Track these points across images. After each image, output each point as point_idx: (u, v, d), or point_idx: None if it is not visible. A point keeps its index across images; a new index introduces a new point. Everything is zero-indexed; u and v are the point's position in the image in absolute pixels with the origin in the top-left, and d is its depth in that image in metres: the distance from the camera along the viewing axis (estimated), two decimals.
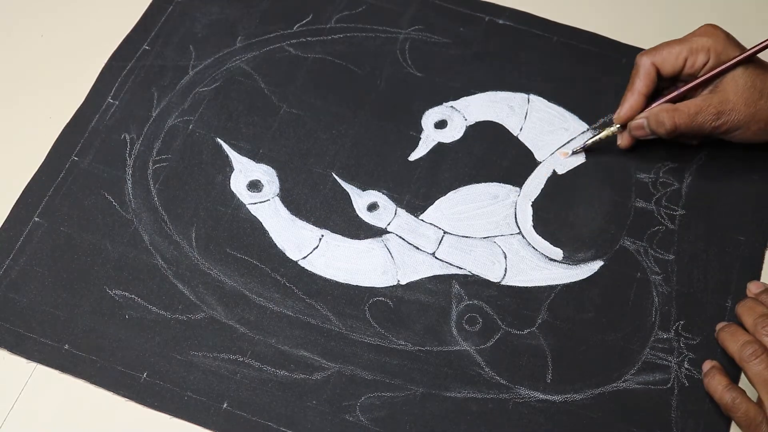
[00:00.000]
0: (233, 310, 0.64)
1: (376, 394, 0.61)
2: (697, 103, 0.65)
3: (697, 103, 0.65)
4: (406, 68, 0.75)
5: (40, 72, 0.74)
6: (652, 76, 0.67)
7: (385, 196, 0.69)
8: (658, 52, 0.67)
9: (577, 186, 0.69)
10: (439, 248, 0.66)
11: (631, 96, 0.68)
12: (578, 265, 0.66)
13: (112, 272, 0.65)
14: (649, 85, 0.67)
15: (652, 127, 0.67)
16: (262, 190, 0.69)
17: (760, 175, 0.69)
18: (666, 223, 0.67)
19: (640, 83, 0.67)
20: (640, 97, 0.68)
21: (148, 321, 0.63)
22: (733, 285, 0.65)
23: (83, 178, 0.69)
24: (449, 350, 0.63)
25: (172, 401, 0.60)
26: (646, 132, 0.68)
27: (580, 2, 0.78)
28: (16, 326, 0.63)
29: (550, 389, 0.61)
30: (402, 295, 0.65)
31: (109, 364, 0.62)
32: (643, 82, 0.67)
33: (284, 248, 0.66)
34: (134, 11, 0.77)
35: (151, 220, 0.67)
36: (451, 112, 0.72)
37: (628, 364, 0.62)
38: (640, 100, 0.68)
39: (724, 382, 0.59)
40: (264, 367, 0.62)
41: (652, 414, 0.60)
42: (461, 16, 0.77)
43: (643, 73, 0.67)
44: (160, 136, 0.71)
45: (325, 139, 0.71)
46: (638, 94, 0.68)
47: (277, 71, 0.74)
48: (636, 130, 0.68)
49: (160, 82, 0.73)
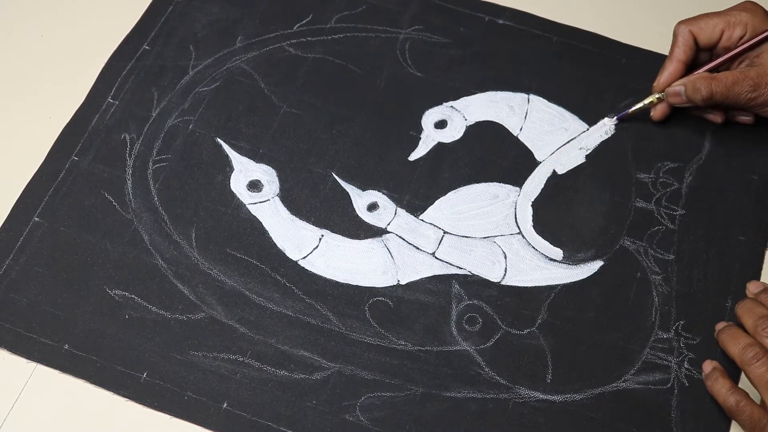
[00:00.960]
0: (233, 310, 0.64)
1: (376, 394, 0.61)
2: (734, 74, 0.66)
3: (735, 74, 0.66)
4: (406, 68, 0.75)
5: (40, 72, 0.74)
6: (690, 43, 0.68)
7: (385, 196, 0.69)
8: (696, 21, 0.68)
9: (578, 186, 0.69)
10: (439, 248, 0.66)
11: (670, 63, 0.69)
12: (578, 265, 0.66)
13: (112, 272, 0.65)
14: (687, 52, 0.68)
15: (688, 95, 0.67)
16: (262, 190, 0.69)
17: (760, 175, 0.69)
18: (666, 223, 0.67)
19: (679, 50, 0.68)
20: (679, 64, 0.68)
21: (148, 321, 0.63)
22: (733, 285, 0.65)
23: (83, 178, 0.69)
24: (449, 350, 0.63)
25: (172, 401, 0.60)
26: (682, 99, 0.68)
27: (580, 2, 0.78)
28: (16, 326, 0.63)
29: (550, 389, 0.61)
30: (402, 295, 0.65)
31: (109, 364, 0.62)
32: (681, 49, 0.68)
33: (284, 248, 0.66)
34: (134, 11, 0.77)
35: (151, 220, 0.67)
36: (451, 112, 0.72)
37: (628, 364, 0.62)
38: (679, 67, 0.68)
39: (727, 385, 0.59)
40: (264, 367, 0.62)
41: (652, 414, 0.60)
42: (461, 16, 0.77)
43: (682, 41, 0.68)
44: (160, 136, 0.71)
45: (325, 139, 0.71)
46: (677, 61, 0.68)
47: (277, 71, 0.74)
48: (673, 97, 0.68)
49: (160, 82, 0.74)
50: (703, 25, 0.68)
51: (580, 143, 0.71)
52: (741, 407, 0.58)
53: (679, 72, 0.69)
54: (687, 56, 0.68)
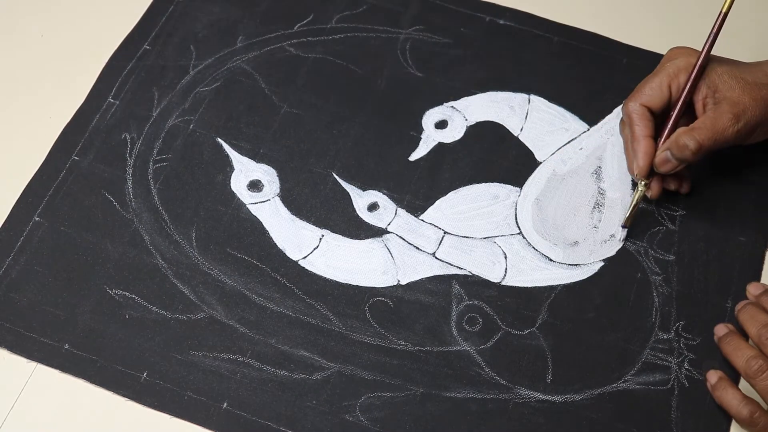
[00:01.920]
0: (233, 310, 0.64)
1: (376, 394, 0.61)
2: (710, 116, 0.63)
3: (710, 115, 0.63)
4: (407, 68, 0.75)
5: (40, 72, 0.74)
6: (648, 116, 0.65)
7: (385, 196, 0.69)
8: (641, 92, 0.65)
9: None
10: (439, 248, 0.66)
11: (638, 144, 0.65)
12: (578, 266, 0.66)
13: (113, 272, 0.65)
14: (648, 125, 0.65)
15: (677, 156, 0.63)
16: (262, 189, 0.69)
17: (760, 176, 0.69)
18: (666, 224, 0.67)
19: (640, 128, 0.65)
20: (646, 140, 0.65)
21: (148, 321, 0.63)
22: (734, 286, 0.65)
23: (84, 177, 0.69)
24: (449, 350, 0.63)
25: (172, 401, 0.60)
26: (673, 164, 0.64)
27: (580, 2, 0.78)
28: (16, 326, 0.63)
29: (550, 389, 0.61)
30: (402, 295, 0.65)
31: (109, 364, 0.61)
32: (642, 125, 0.65)
33: (284, 248, 0.66)
34: (135, 11, 0.77)
35: (152, 220, 0.67)
36: (452, 112, 0.72)
37: (628, 364, 0.62)
38: (648, 143, 0.65)
39: (738, 396, 0.58)
40: (264, 367, 0.62)
41: (652, 414, 0.60)
42: (462, 17, 0.77)
43: (638, 117, 0.65)
44: (160, 136, 0.71)
45: (326, 139, 0.71)
46: (643, 138, 0.65)
47: (278, 71, 0.74)
48: (663, 165, 0.64)
49: (161, 81, 0.73)
50: (649, 91, 0.65)
51: (580, 143, 0.71)
52: (755, 419, 0.57)
53: (651, 147, 0.64)
54: (650, 129, 0.65)
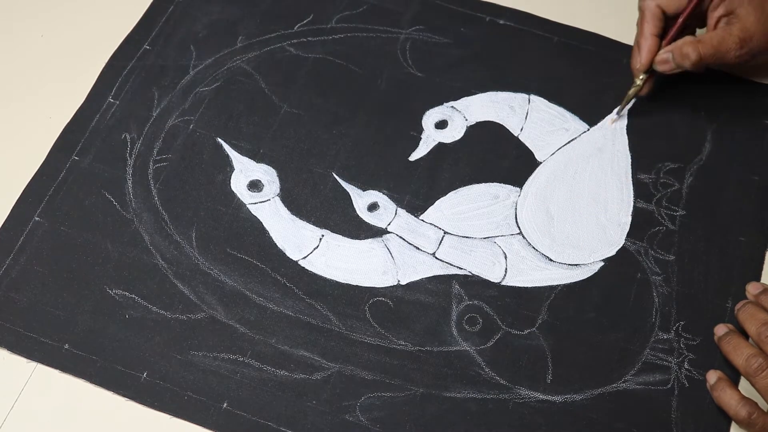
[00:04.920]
0: (233, 309, 0.64)
1: (376, 394, 0.61)
2: (719, 34, 0.66)
3: (719, 33, 0.66)
4: (407, 68, 0.75)
5: (40, 72, 0.74)
6: (659, 16, 0.68)
7: (385, 196, 0.69)
8: None
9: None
10: (439, 248, 0.66)
11: (644, 41, 0.68)
12: (578, 266, 0.66)
13: (113, 272, 0.65)
14: (658, 25, 0.68)
15: (677, 61, 0.67)
16: (262, 189, 0.69)
17: (760, 176, 0.69)
18: (666, 224, 0.67)
19: (649, 26, 0.68)
20: (653, 38, 0.68)
21: (148, 321, 0.63)
22: (734, 286, 0.65)
23: (84, 177, 0.69)
24: (449, 350, 0.63)
25: (172, 401, 0.60)
26: (671, 66, 0.67)
27: (580, 2, 0.78)
28: (16, 326, 0.63)
29: (550, 390, 0.61)
30: (402, 295, 0.65)
31: (109, 363, 0.62)
32: (651, 24, 0.68)
33: (284, 248, 0.66)
34: (135, 11, 0.77)
35: (152, 220, 0.67)
36: (452, 112, 0.72)
37: (628, 364, 0.62)
38: (654, 41, 0.68)
39: (736, 396, 0.58)
40: (264, 367, 0.62)
41: (652, 414, 0.60)
42: (462, 17, 0.77)
43: (650, 16, 0.68)
44: (160, 136, 0.71)
45: (326, 139, 0.71)
46: (650, 36, 0.68)
47: (278, 71, 0.74)
48: (662, 65, 0.68)
49: (161, 81, 0.74)
50: None
51: (580, 143, 0.71)
52: (754, 419, 0.57)
53: (655, 46, 0.68)
54: (658, 29, 0.68)
